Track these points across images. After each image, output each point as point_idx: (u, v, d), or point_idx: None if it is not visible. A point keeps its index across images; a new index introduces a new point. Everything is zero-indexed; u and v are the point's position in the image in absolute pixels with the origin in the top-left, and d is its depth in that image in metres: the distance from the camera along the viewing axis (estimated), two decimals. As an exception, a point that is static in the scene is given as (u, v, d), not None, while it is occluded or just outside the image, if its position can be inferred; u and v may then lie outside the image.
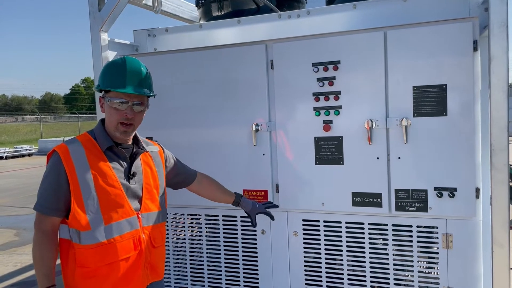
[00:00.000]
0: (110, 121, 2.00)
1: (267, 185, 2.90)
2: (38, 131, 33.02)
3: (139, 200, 2.06)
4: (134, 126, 2.03)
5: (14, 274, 5.38)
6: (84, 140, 2.00)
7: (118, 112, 1.97)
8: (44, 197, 1.94)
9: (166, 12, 4.07)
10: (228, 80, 2.94)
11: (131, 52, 3.57)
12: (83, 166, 1.92)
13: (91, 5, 3.20)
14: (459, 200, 2.50)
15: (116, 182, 1.97)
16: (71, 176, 1.90)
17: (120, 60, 2.01)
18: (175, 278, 3.28)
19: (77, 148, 1.95)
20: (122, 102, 1.96)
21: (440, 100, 2.49)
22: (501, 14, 2.31)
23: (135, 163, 2.08)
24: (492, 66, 2.34)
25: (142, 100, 2.02)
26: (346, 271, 2.81)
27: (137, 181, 2.06)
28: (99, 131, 2.03)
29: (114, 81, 1.96)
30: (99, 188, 1.92)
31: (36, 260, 1.92)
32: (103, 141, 2.00)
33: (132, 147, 2.10)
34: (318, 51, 2.72)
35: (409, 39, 2.53)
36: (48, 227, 1.93)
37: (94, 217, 1.91)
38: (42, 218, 1.94)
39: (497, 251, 2.41)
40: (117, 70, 1.98)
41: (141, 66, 2.04)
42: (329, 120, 2.72)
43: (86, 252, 1.91)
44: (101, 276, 1.93)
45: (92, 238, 1.91)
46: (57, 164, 1.92)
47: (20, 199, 10.23)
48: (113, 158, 2.01)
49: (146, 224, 2.07)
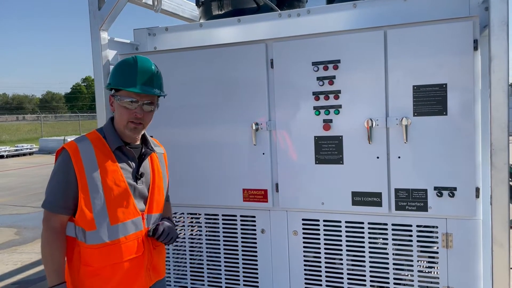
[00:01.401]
0: (120, 120, 2.00)
1: (267, 184, 2.90)
2: (39, 130, 33.04)
3: (144, 200, 2.06)
4: (144, 125, 2.03)
5: (14, 273, 5.39)
6: (93, 138, 2.00)
7: (128, 111, 1.97)
8: (52, 195, 1.94)
9: (166, 11, 4.06)
10: (228, 79, 2.94)
11: (131, 51, 3.57)
12: (92, 165, 1.92)
13: (91, 4, 3.20)
14: (459, 200, 2.49)
15: (124, 182, 1.97)
16: (80, 175, 1.90)
17: (131, 59, 2.01)
18: (175, 277, 3.28)
19: (86, 147, 1.95)
20: (132, 101, 1.96)
21: (440, 99, 2.49)
22: (502, 13, 2.31)
23: (143, 164, 2.08)
24: (493, 65, 2.33)
25: (152, 100, 2.02)
26: (346, 270, 2.81)
27: (144, 181, 2.07)
28: (109, 129, 2.03)
29: (124, 80, 1.96)
30: (107, 188, 1.93)
31: (46, 257, 1.92)
32: (112, 141, 2.00)
33: (140, 147, 2.10)
34: (318, 50, 2.71)
35: (409, 38, 2.52)
36: (56, 224, 1.94)
37: (100, 216, 1.91)
38: (51, 215, 1.94)
39: (497, 250, 2.40)
40: (128, 69, 1.98)
41: (152, 66, 2.03)
42: (329, 119, 2.72)
43: (91, 251, 1.92)
44: (105, 276, 1.94)
45: (97, 238, 1.91)
46: (66, 162, 1.92)
47: (21, 198, 10.24)
48: (122, 158, 2.01)
49: (149, 225, 2.08)
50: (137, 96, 1.97)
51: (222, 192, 3.02)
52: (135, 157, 2.06)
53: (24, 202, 9.72)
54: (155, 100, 2.05)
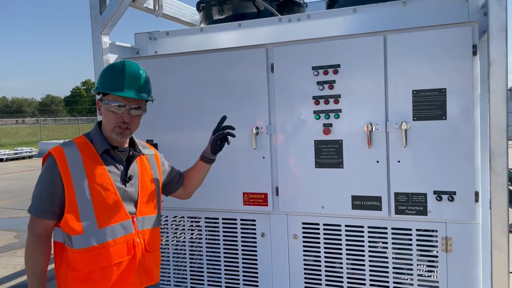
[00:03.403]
0: (107, 124, 1.99)
1: (267, 188, 2.91)
2: (39, 133, 33.00)
3: (134, 203, 2.04)
4: (131, 130, 2.02)
5: (14, 276, 5.38)
6: (80, 142, 1.99)
7: (115, 115, 1.96)
8: (38, 200, 1.93)
9: (167, 15, 4.08)
10: (228, 83, 2.95)
11: (132, 55, 3.59)
12: (79, 169, 1.91)
13: (93, 8, 3.22)
14: (459, 204, 2.50)
15: (111, 185, 1.95)
16: (66, 179, 1.89)
17: (119, 64, 2.00)
18: (175, 281, 3.28)
19: (72, 151, 1.94)
20: (119, 105, 1.95)
21: (440, 104, 2.50)
22: (500, 19, 2.32)
23: (131, 166, 2.07)
24: (492, 70, 2.35)
25: (140, 105, 2.01)
26: (345, 274, 2.81)
27: (133, 184, 2.05)
28: (95, 134, 2.02)
29: (112, 84, 1.95)
30: (94, 192, 1.91)
31: (28, 262, 1.91)
32: (99, 144, 1.99)
33: (128, 150, 2.09)
34: (318, 54, 2.73)
35: (409, 43, 2.54)
36: (41, 230, 1.92)
37: (88, 220, 1.89)
38: (36, 220, 1.92)
39: (496, 255, 2.41)
40: (116, 74, 1.97)
41: (140, 70, 2.03)
42: (329, 123, 2.73)
43: (78, 256, 1.90)
44: (93, 280, 1.91)
45: (84, 242, 1.89)
46: (52, 167, 1.90)
47: (20, 201, 10.23)
48: (109, 162, 2.00)
49: (141, 228, 2.05)
50: (124, 100, 1.95)
51: (222, 196, 3.02)
52: (123, 160, 2.04)
53: (23, 205, 9.71)
54: (143, 104, 2.04)
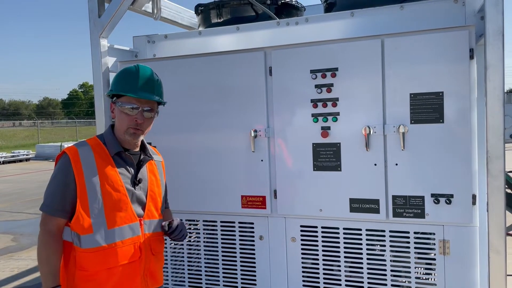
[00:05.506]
0: (120, 126, 2.05)
1: (265, 191, 2.91)
2: (36, 136, 32.91)
3: (143, 206, 2.09)
4: (143, 131, 2.07)
5: (11, 279, 5.36)
6: (93, 144, 2.04)
7: (129, 117, 2.01)
8: (51, 198, 1.96)
9: (166, 18, 4.09)
10: (226, 86, 2.96)
11: (130, 58, 3.59)
12: (91, 170, 1.96)
13: (91, 11, 3.22)
14: (456, 207, 2.51)
15: (122, 187, 2.00)
16: (79, 179, 1.93)
17: (133, 68, 2.08)
18: (173, 283, 3.27)
19: (86, 151, 1.99)
20: (133, 107, 2.01)
21: (437, 107, 2.51)
22: (497, 23, 2.34)
23: (141, 170, 2.12)
24: (488, 74, 2.37)
25: (153, 107, 2.07)
26: (343, 277, 2.82)
27: (142, 187, 2.09)
28: (108, 136, 2.08)
29: (126, 86, 2.02)
30: (105, 192, 1.95)
31: (42, 260, 1.93)
32: (112, 146, 2.04)
33: (139, 154, 2.14)
34: (316, 58, 2.74)
35: (406, 47, 2.55)
36: (53, 227, 1.95)
37: (98, 220, 1.93)
38: (48, 218, 1.96)
39: (494, 257, 2.42)
40: (130, 76, 2.04)
41: (153, 74, 2.10)
42: (327, 126, 2.74)
43: (86, 255, 1.93)
44: (100, 280, 1.95)
45: (92, 241, 1.93)
46: (66, 165, 1.95)
47: (17, 204, 10.19)
48: (121, 164, 2.05)
49: (148, 231, 2.09)
50: (137, 102, 2.02)
51: (221, 199, 3.03)
52: (134, 163, 2.10)
53: (20, 208, 9.68)
54: (155, 107, 2.10)
